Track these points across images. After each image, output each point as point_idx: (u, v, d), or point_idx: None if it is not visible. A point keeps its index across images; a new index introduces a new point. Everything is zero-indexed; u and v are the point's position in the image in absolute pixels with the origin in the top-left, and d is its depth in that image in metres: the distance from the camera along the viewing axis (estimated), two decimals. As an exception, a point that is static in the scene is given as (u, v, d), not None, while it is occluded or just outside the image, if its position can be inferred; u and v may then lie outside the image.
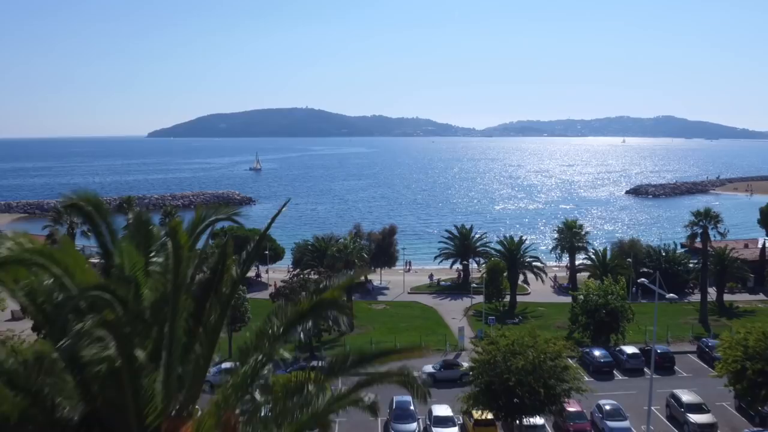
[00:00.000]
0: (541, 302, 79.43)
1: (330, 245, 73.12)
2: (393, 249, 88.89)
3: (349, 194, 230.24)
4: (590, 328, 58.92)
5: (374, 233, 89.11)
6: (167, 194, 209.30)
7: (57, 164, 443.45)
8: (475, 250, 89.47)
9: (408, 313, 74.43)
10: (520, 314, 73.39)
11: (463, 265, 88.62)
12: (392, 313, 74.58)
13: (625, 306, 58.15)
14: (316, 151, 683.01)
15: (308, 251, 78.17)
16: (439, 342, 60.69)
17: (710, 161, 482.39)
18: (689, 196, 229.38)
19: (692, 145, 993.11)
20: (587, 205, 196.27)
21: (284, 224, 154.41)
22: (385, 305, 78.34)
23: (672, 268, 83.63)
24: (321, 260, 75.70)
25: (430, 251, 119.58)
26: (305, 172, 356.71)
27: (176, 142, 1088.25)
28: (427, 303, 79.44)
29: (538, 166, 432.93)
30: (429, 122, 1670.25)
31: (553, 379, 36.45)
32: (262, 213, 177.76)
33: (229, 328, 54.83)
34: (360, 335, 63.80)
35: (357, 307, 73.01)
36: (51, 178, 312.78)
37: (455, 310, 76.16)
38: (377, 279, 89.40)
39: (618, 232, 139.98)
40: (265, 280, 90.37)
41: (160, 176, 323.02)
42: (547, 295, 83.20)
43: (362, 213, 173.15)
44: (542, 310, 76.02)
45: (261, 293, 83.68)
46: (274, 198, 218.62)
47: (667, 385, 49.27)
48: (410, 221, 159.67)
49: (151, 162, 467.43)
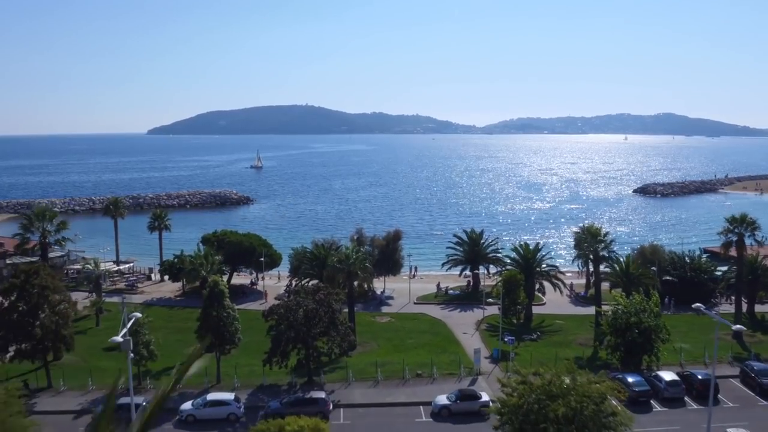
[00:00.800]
0: (558, 314, 73.48)
1: (330, 254, 67.03)
2: (398, 256, 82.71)
3: (349, 193, 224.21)
4: (620, 349, 52.90)
5: (378, 238, 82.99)
6: (162, 193, 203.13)
7: (53, 162, 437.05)
8: (486, 256, 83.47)
9: (415, 327, 68.40)
10: (537, 329, 67.38)
11: (473, 274, 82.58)
12: (398, 327, 68.55)
13: (659, 325, 52.16)
14: (316, 149, 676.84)
15: (306, 259, 72.11)
16: (452, 364, 54.71)
17: (715, 159, 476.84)
18: (697, 196, 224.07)
19: (693, 142, 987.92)
20: (595, 205, 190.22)
21: (282, 225, 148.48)
22: (389, 317, 72.29)
23: (698, 276, 77.78)
24: (320, 269, 69.76)
25: (435, 256, 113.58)
26: (305, 170, 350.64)
27: (175, 140, 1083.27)
28: (436, 315, 73.38)
29: (542, 164, 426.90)
30: (429, 119, 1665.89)
31: (599, 427, 30.43)
32: (260, 213, 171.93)
33: (216, 350, 48.96)
34: (363, 354, 57.77)
35: (360, 319, 66.96)
36: (45, 176, 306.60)
37: (466, 323, 70.17)
38: (380, 287, 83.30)
39: (634, 235, 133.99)
40: (260, 287, 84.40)
41: (156, 174, 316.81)
42: (563, 306, 77.27)
43: (363, 214, 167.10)
44: (560, 323, 70.05)
45: (255, 304, 77.83)
46: (272, 197, 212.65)
47: (713, 418, 43.27)
48: (413, 222, 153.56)
49: (148, 160, 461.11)
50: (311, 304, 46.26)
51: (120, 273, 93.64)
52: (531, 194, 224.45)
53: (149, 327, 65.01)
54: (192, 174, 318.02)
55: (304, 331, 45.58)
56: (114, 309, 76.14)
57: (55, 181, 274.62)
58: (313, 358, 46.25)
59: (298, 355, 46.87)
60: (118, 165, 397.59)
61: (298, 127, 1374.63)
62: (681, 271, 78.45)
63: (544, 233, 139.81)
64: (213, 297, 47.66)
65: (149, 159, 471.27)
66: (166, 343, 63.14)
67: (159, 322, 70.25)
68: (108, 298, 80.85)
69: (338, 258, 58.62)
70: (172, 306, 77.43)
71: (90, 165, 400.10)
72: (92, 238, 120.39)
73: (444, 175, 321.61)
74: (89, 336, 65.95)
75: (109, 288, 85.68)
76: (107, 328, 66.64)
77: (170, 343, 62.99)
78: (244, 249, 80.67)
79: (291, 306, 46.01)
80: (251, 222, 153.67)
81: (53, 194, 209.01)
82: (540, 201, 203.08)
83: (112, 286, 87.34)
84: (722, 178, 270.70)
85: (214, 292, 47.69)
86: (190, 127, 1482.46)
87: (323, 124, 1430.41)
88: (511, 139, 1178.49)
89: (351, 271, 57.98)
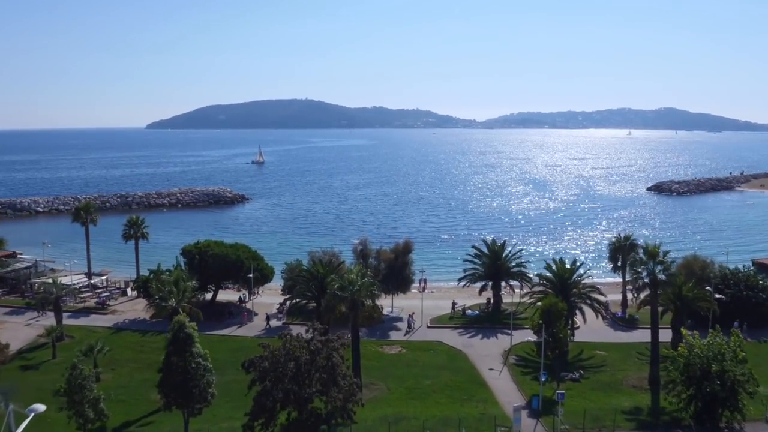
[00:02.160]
0: (596, 342, 62.57)
1: (330, 276, 55.90)
2: (408, 271, 71.60)
3: (350, 191, 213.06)
4: (694, 402, 42.08)
5: (384, 251, 71.85)
6: (152, 192, 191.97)
7: (46, 158, 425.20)
8: (510, 271, 72.48)
9: (431, 361, 57.49)
10: (576, 363, 56.34)
11: (495, 294, 71.78)
12: (410, 361, 57.61)
13: (746, 373, 41.35)
14: (315, 143, 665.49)
15: (302, 278, 61.06)
16: (483, 422, 43.72)
17: (723, 155, 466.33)
18: (714, 194, 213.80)
19: (696, 137, 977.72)
20: (610, 205, 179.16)
21: (276, 228, 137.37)
22: (400, 347, 61.35)
23: (755, 295, 66.96)
24: (318, 289, 58.89)
25: (446, 265, 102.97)
26: (304, 166, 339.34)
27: (173, 134, 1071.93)
28: (454, 343, 62.43)
29: (548, 159, 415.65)
30: (429, 114, 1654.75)
31: None
32: (254, 213, 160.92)
33: (184, 412, 38.15)
34: (371, 402, 46.64)
35: (365, 349, 56.09)
36: (35, 173, 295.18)
37: (491, 354, 59.29)
38: (388, 306, 72.41)
39: (658, 238, 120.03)
40: (249, 306, 73.54)
41: (149, 170, 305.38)
42: (600, 330, 66.39)
43: (363, 215, 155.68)
44: (602, 354, 59.16)
45: (243, 328, 66.93)
46: (269, 195, 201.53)
47: None
48: (419, 225, 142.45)
49: (143, 155, 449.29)
50: (305, 355, 35.35)
51: (92, 287, 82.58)
52: (542, 192, 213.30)
53: (108, 362, 54.26)
54: (187, 170, 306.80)
55: (295, 391, 34.70)
56: (79, 334, 65.37)
57: (44, 178, 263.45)
58: (309, 423, 35.37)
59: (288, 417, 36.07)
60: (112, 161, 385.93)
61: (297, 122, 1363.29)
62: (735, 290, 67.64)
63: (563, 237, 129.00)
64: (178, 343, 36.82)
65: (144, 154, 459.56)
66: (132, 385, 52.34)
67: (126, 354, 59.47)
68: (73, 320, 70.13)
69: (339, 285, 47.55)
70: (145, 331, 66.35)
71: (84, 161, 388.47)
72: (72, 242, 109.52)
73: (448, 171, 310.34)
74: (41, 372, 55.05)
75: (77, 306, 74.73)
76: (66, 360, 55.81)
77: (135, 384, 52.14)
78: (229, 263, 69.69)
79: (278, 358, 35.07)
80: (242, 225, 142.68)
81: (38, 192, 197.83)
82: (552, 200, 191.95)
83: (80, 304, 76.36)
84: (738, 175, 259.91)
85: (178, 336, 36.85)
86: (189, 121, 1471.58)
87: (323, 118, 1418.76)
88: (513, 133, 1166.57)
89: (355, 301, 46.93)
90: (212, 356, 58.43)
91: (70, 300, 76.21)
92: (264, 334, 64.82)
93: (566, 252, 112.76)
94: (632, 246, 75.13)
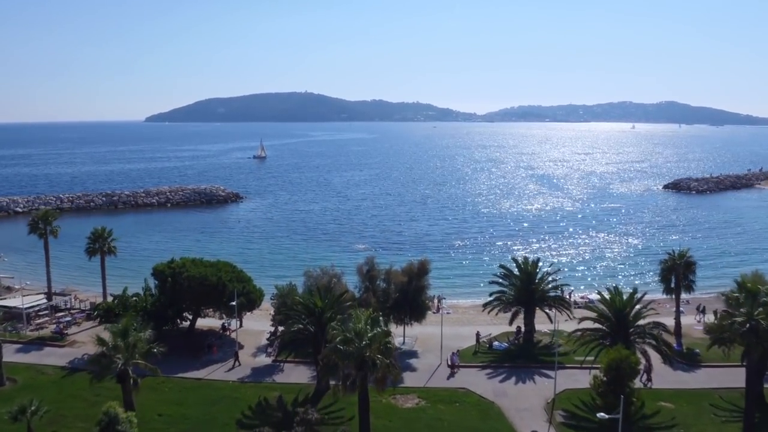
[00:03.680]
0: (657, 388, 50.69)
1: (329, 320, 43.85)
2: (424, 296, 59.53)
3: (350, 189, 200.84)
4: None
5: (396, 272, 59.70)
6: (140, 191, 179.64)
7: (38, 152, 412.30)
8: (544, 296, 60.59)
9: (458, 420, 45.63)
10: (639, 421, 44.56)
11: (526, 322, 60.02)
12: (432, 420, 45.71)
13: None
14: (315, 137, 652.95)
15: (295, 312, 49.00)
16: None
17: (730, 150, 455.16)
18: (734, 192, 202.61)
19: (698, 131, 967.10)
20: (629, 204, 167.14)
21: (269, 233, 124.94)
22: (417, 397, 49.47)
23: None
24: (316, 328, 47.06)
25: (459, 276, 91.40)
26: (302, 161, 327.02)
27: (172, 127, 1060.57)
28: (483, 390, 50.55)
29: (554, 154, 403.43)
30: (429, 107, 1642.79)
31: None
32: (247, 215, 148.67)
33: None
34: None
35: (374, 401, 44.15)
36: (24, 168, 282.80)
37: (531, 407, 47.44)
38: (399, 337, 60.50)
39: (690, 246, 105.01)
40: (234, 336, 61.73)
41: (142, 166, 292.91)
42: (657, 370, 54.35)
43: (365, 218, 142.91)
44: (669, 407, 47.27)
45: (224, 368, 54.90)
46: (265, 194, 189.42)
47: None
48: (426, 229, 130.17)
49: (139, 149, 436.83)
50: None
51: (53, 309, 70.63)
52: (554, 191, 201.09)
53: (50, 421, 41.99)
54: (182, 165, 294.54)
55: None
56: (24, 376, 53.33)
57: (30, 174, 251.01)
58: None
59: None
60: (106, 155, 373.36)
61: (297, 115, 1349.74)
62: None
63: (588, 243, 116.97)
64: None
65: (140, 149, 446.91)
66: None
67: (76, 407, 47.12)
68: (21, 355, 58.25)
69: (343, 337, 35.60)
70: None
71: (77, 155, 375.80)
72: (41, 252, 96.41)
73: (453, 167, 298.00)
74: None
75: (29, 336, 62.85)
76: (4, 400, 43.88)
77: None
78: (209, 287, 57.70)
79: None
80: (233, 229, 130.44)
81: (20, 191, 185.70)
82: (567, 200, 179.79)
83: (35, 332, 64.49)
84: (757, 171, 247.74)
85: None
86: (188, 114, 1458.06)
87: (323, 111, 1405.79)
88: (514, 127, 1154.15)
89: (365, 358, 34.92)
90: (181, 412, 46.67)
91: (25, 327, 64.57)
92: (249, 378, 53.05)
93: (594, 262, 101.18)
94: (688, 265, 63.54)
